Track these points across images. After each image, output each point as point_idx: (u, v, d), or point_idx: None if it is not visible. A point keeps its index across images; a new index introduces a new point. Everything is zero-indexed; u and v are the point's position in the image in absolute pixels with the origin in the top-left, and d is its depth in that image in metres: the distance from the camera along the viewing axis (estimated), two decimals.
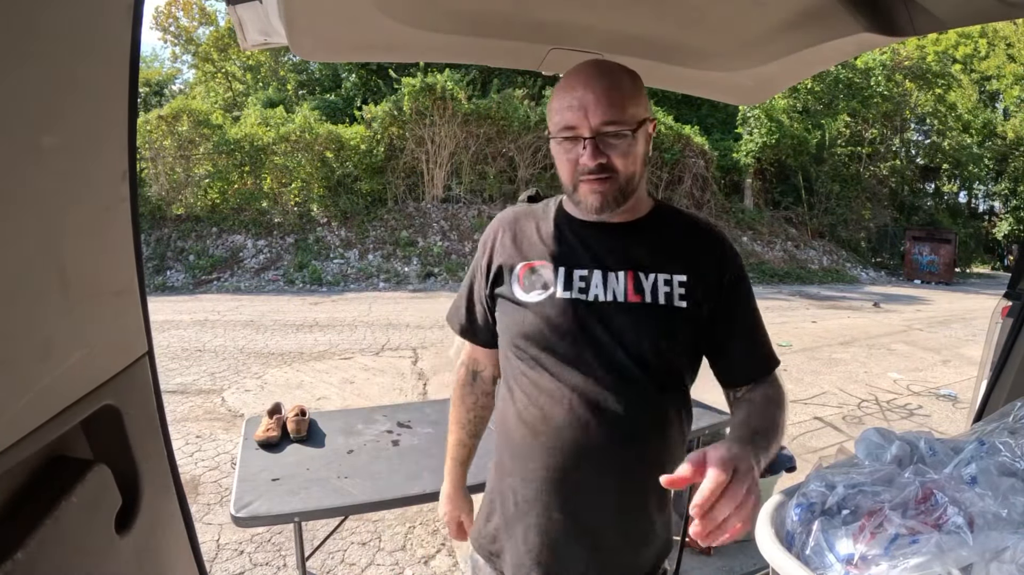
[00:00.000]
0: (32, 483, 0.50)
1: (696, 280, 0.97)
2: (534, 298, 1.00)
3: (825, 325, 8.69)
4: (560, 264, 1.00)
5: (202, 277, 10.47)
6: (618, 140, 0.91)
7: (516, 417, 1.00)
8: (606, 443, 0.93)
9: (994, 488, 0.61)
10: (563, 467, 0.94)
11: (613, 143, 0.91)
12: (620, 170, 0.93)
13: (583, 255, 0.99)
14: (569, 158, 0.93)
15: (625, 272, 0.97)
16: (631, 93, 0.93)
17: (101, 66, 0.53)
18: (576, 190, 0.95)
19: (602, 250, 0.99)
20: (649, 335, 0.94)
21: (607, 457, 0.94)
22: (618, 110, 0.91)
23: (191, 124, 11.42)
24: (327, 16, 1.06)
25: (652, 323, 0.95)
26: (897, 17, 1.06)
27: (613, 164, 0.92)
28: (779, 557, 0.58)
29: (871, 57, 16.10)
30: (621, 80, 0.93)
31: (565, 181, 0.97)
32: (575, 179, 0.94)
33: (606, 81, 0.92)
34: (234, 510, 1.68)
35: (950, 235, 16.50)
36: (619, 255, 0.98)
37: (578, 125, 0.91)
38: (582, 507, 0.95)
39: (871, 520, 0.59)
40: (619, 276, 0.97)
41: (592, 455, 0.93)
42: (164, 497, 0.70)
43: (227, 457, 3.58)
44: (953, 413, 4.85)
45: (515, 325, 1.01)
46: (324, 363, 5.75)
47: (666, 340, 0.95)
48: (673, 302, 0.95)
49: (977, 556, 0.53)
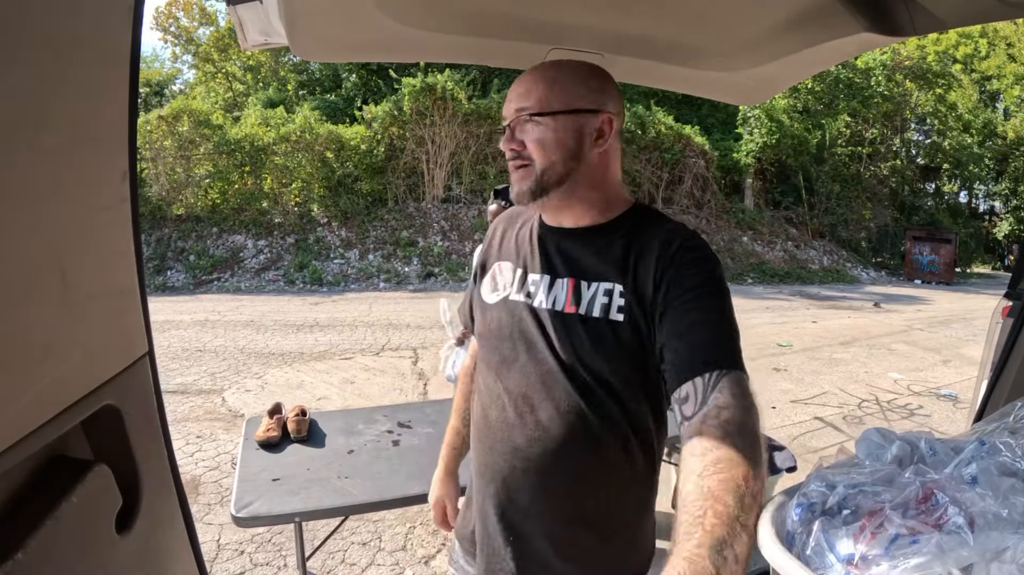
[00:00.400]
0: (33, 483, 0.50)
1: (639, 293, 0.87)
2: (493, 299, 1.01)
3: (826, 325, 8.68)
4: (519, 267, 1.00)
5: (202, 277, 10.47)
6: (531, 126, 0.90)
7: (475, 413, 1.04)
8: (534, 450, 0.91)
9: (995, 488, 0.61)
10: (496, 467, 0.96)
11: (526, 128, 0.90)
12: (535, 158, 0.90)
13: (539, 259, 0.98)
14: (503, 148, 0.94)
15: (567, 280, 0.93)
16: (563, 81, 0.90)
17: (102, 67, 0.53)
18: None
19: (554, 255, 0.97)
20: (578, 347, 0.89)
21: (533, 463, 0.92)
22: (536, 97, 0.89)
23: (191, 124, 11.42)
24: (327, 16, 1.06)
25: (581, 335, 0.89)
26: (897, 17, 1.06)
27: (529, 152, 0.90)
28: (780, 557, 0.58)
29: (871, 57, 16.10)
30: (558, 70, 0.92)
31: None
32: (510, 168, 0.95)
33: (537, 72, 0.92)
34: (234, 510, 1.68)
35: (950, 235, 16.49)
36: (567, 261, 0.95)
37: (504, 115, 0.93)
38: (511, 510, 0.95)
39: (871, 520, 0.59)
40: (563, 283, 0.94)
41: (519, 459, 0.93)
42: (164, 497, 0.70)
43: (227, 457, 3.58)
44: (953, 413, 4.85)
45: (477, 324, 1.05)
46: (324, 363, 5.75)
47: (596, 354, 0.88)
48: (609, 315, 0.88)
49: (978, 556, 0.53)
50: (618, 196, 0.97)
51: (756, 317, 9.04)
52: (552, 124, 0.89)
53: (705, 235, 14.27)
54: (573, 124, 0.90)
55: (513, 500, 0.94)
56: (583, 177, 0.92)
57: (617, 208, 0.96)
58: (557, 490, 0.92)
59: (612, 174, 0.97)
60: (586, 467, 0.91)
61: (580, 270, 0.93)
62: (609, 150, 0.94)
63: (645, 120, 13.83)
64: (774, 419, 4.60)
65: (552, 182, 0.91)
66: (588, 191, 0.94)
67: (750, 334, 7.72)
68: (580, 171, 0.92)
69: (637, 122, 13.70)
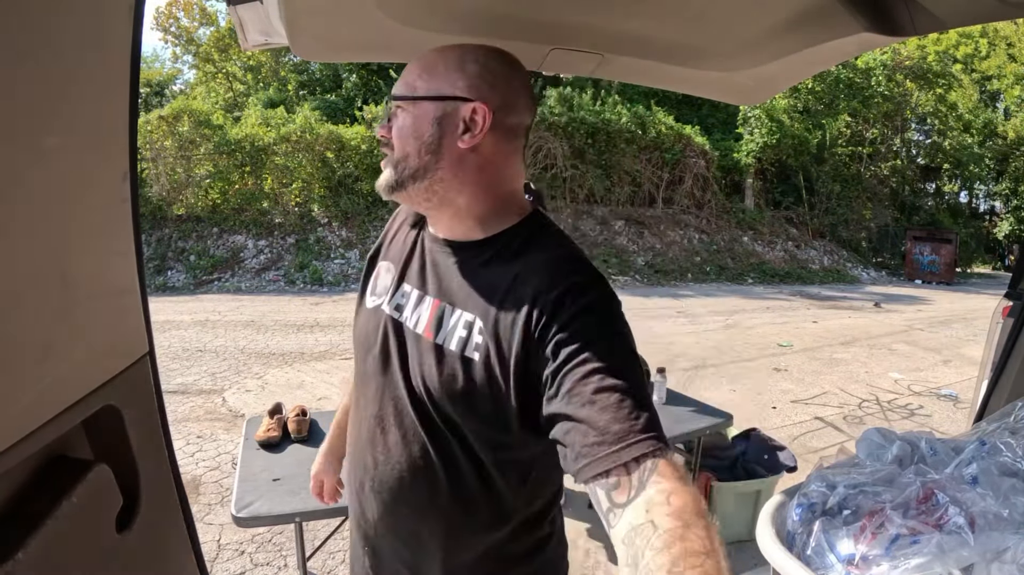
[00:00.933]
0: (33, 483, 0.50)
1: (499, 335, 0.75)
2: (369, 304, 0.95)
3: (826, 325, 8.68)
4: (397, 273, 0.92)
5: (203, 277, 10.47)
6: (398, 111, 0.81)
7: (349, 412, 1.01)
8: (381, 471, 0.87)
9: (995, 488, 0.61)
10: (355, 475, 0.93)
11: (396, 114, 0.82)
12: (395, 146, 0.81)
13: (415, 269, 0.90)
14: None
15: (432, 300, 0.84)
16: (438, 66, 0.80)
17: (102, 67, 0.53)
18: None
19: (428, 268, 0.87)
20: (427, 378, 0.80)
21: (380, 484, 0.87)
22: (405, 81, 0.81)
23: (192, 124, 11.43)
24: (327, 16, 1.06)
25: (432, 366, 0.80)
26: (898, 17, 1.05)
27: (391, 139, 0.82)
28: (780, 557, 0.58)
29: (872, 57, 16.09)
30: (439, 54, 0.82)
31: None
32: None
33: (421, 56, 0.83)
34: (235, 510, 1.68)
35: (951, 235, 16.47)
36: (436, 278, 0.85)
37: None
38: (363, 521, 0.92)
39: (872, 520, 0.59)
40: (428, 303, 0.84)
41: (368, 477, 0.89)
42: (164, 497, 0.70)
43: (228, 457, 3.58)
44: (954, 413, 4.85)
45: (354, 326, 0.98)
46: (325, 363, 5.75)
47: (443, 391, 0.78)
48: (465, 351, 0.77)
49: (978, 556, 0.53)
50: (505, 206, 0.84)
51: (756, 317, 9.03)
52: (412, 110, 0.80)
53: (705, 235, 14.06)
54: (434, 111, 0.78)
55: (364, 512, 0.92)
56: (447, 175, 0.80)
57: (503, 221, 0.83)
58: (401, 514, 0.87)
59: (494, 178, 0.82)
60: (427, 502, 0.84)
61: (446, 292, 0.83)
62: (485, 148, 0.80)
63: (645, 120, 13.83)
64: (774, 419, 4.60)
65: (407, 175, 0.80)
66: (457, 195, 0.81)
67: (750, 334, 7.72)
68: (442, 167, 0.79)
69: (637, 122, 13.70)
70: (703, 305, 10.02)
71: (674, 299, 10.61)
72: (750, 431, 2.93)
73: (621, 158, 13.71)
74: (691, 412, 2.72)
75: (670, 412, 2.65)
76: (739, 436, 2.91)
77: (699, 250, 14.09)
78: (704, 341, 7.20)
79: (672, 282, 12.73)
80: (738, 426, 2.97)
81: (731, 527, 2.75)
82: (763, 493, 2.74)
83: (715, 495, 2.69)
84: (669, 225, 14.27)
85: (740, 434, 2.92)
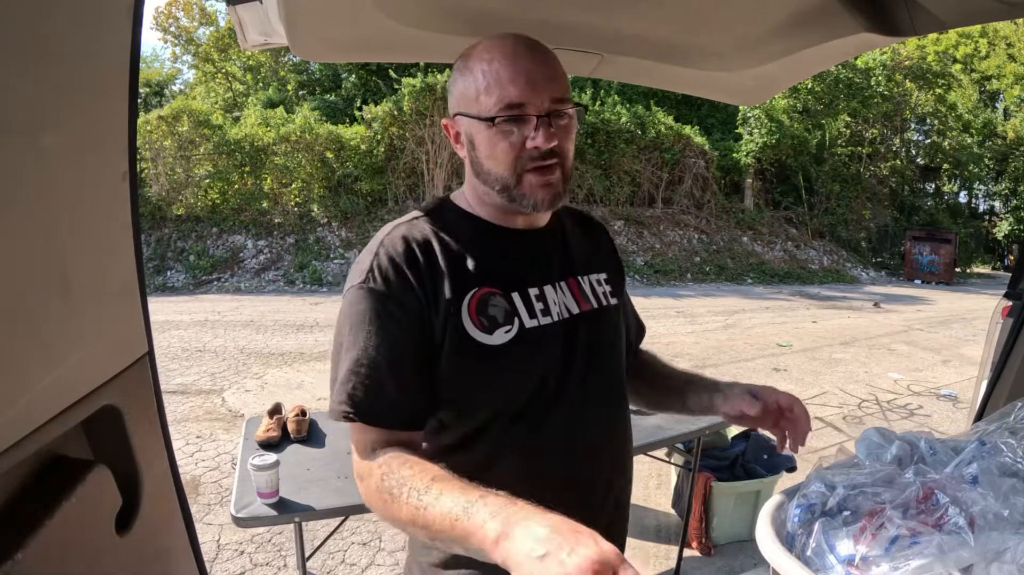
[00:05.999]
0: (33, 483, 0.50)
1: (611, 274, 0.97)
2: (500, 338, 0.79)
3: (825, 325, 8.68)
4: (512, 289, 0.82)
5: (202, 277, 10.47)
6: (566, 120, 0.78)
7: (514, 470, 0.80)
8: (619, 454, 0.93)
9: (995, 488, 0.61)
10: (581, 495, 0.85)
11: (562, 124, 0.78)
12: (567, 156, 0.79)
13: (528, 272, 0.85)
14: (512, 142, 0.76)
15: (567, 281, 0.88)
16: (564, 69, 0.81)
17: (101, 67, 0.53)
18: (520, 183, 0.78)
19: (541, 261, 0.87)
20: (610, 339, 0.92)
21: (616, 468, 0.92)
22: (564, 85, 0.78)
23: (191, 124, 11.42)
24: (327, 16, 1.06)
25: (608, 326, 0.92)
26: (897, 17, 1.06)
27: (563, 148, 0.78)
28: (780, 558, 0.58)
29: (871, 57, 16.09)
30: (549, 55, 0.79)
31: (503, 172, 0.78)
32: (518, 169, 0.77)
33: (546, 52, 0.78)
34: (234, 510, 1.68)
35: (950, 235, 16.48)
36: (558, 262, 0.89)
37: (527, 102, 0.75)
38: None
39: (872, 521, 0.59)
40: (563, 287, 0.88)
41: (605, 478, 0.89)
42: (164, 497, 0.70)
43: (227, 457, 3.58)
44: (953, 413, 4.85)
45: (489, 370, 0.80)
46: (325, 363, 5.75)
47: (618, 339, 0.95)
48: (609, 301, 0.93)
49: (978, 557, 0.53)
50: None
51: (756, 317, 9.04)
52: (572, 115, 0.80)
53: (705, 235, 14.08)
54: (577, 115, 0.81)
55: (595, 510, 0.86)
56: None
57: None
58: (624, 483, 0.96)
59: None
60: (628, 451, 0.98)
61: (569, 268, 0.91)
62: None
63: (645, 120, 13.83)
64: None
65: (567, 180, 0.82)
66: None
67: (750, 334, 7.72)
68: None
69: (637, 122, 13.70)
70: (703, 305, 10.02)
71: (674, 299, 10.61)
72: (749, 431, 2.93)
73: (621, 158, 13.71)
74: None
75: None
76: (738, 436, 2.91)
77: (699, 250, 14.09)
78: (704, 341, 7.20)
79: (671, 282, 12.73)
80: (738, 426, 2.97)
81: (731, 527, 2.75)
82: (762, 493, 2.74)
83: (715, 495, 2.69)
84: (669, 225, 14.28)
85: (739, 434, 2.92)
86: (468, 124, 0.80)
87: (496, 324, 0.79)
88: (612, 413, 0.91)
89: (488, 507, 0.59)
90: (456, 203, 0.89)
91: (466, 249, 0.82)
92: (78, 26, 0.48)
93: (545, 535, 0.53)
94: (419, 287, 0.78)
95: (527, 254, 0.86)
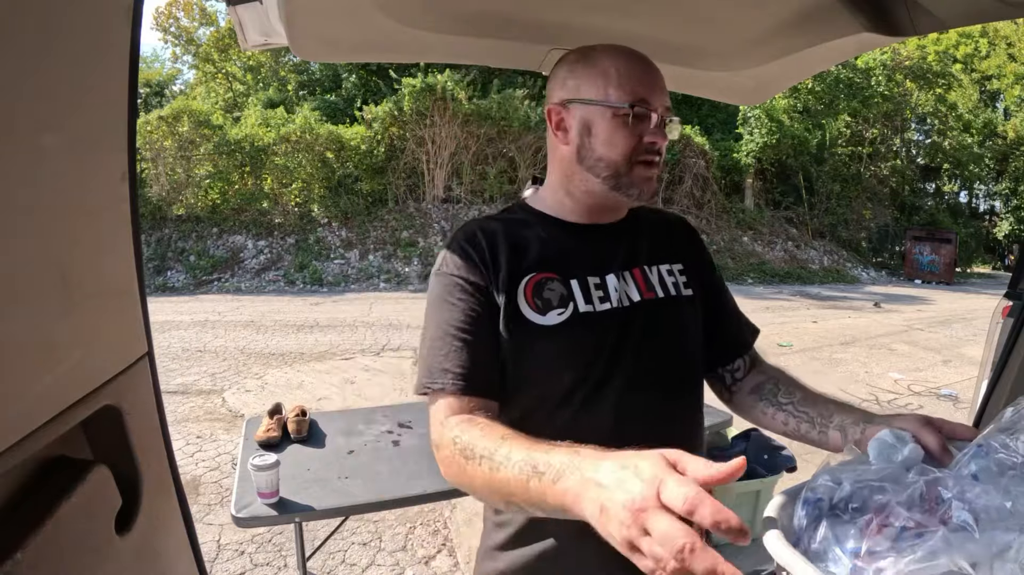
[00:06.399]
0: (32, 484, 0.50)
1: (688, 266, 0.97)
2: (552, 320, 0.84)
3: (826, 325, 8.68)
4: (571, 276, 0.87)
5: (203, 277, 10.48)
6: (671, 127, 0.87)
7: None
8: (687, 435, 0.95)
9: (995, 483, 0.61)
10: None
11: (669, 128, 0.87)
12: (663, 158, 0.89)
13: (591, 262, 0.90)
14: (633, 133, 0.83)
15: (631, 271, 0.92)
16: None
17: (101, 67, 0.53)
18: (630, 171, 0.85)
19: (606, 253, 0.92)
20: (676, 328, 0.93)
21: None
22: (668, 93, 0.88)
23: (192, 125, 11.43)
24: (327, 16, 1.06)
25: (675, 316, 0.93)
26: (897, 17, 1.05)
27: (663, 150, 0.88)
28: (785, 553, 0.58)
29: (871, 57, 16.09)
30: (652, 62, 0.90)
31: (617, 158, 0.84)
32: (632, 159, 0.84)
33: (653, 63, 0.87)
34: (235, 510, 1.68)
35: (951, 235, 16.48)
36: (623, 254, 0.93)
37: (652, 100, 0.83)
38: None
39: (878, 515, 0.60)
40: (626, 276, 0.91)
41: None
42: (164, 497, 0.70)
43: (228, 457, 3.58)
44: (954, 413, 4.85)
45: (536, 357, 0.84)
46: (325, 363, 5.75)
47: (689, 329, 0.95)
48: (681, 291, 0.94)
49: (982, 552, 0.53)
50: None
51: (756, 317, 8.92)
52: (678, 124, 0.90)
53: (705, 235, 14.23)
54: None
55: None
56: None
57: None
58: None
59: None
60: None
61: (635, 258, 0.94)
62: None
63: None
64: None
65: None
66: None
67: None
68: None
69: None
70: None
71: None
72: (750, 431, 2.93)
73: None
74: None
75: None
76: (739, 436, 2.91)
77: None
78: None
79: None
80: (738, 426, 2.96)
81: None
82: (763, 493, 2.74)
83: (714, 495, 2.68)
84: None
85: (740, 434, 2.92)
86: (587, 111, 0.85)
87: (550, 306, 0.85)
88: (672, 402, 0.91)
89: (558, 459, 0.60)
90: (530, 204, 0.97)
91: (531, 240, 0.89)
92: (77, 26, 0.48)
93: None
94: (483, 268, 0.85)
95: (591, 247, 0.91)
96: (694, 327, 0.95)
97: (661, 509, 0.48)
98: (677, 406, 0.92)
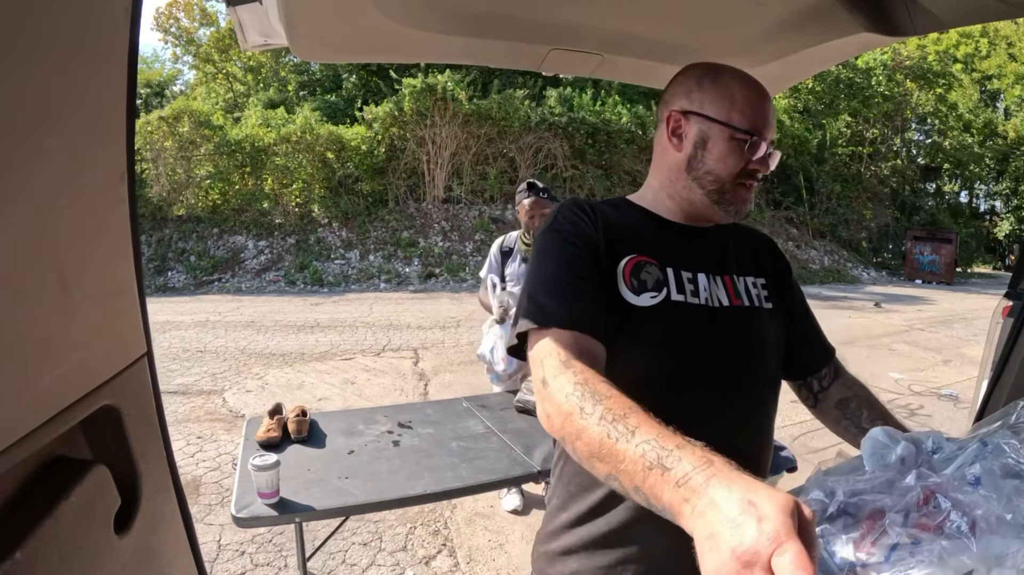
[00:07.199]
0: (31, 484, 0.50)
1: (770, 280, 1.00)
2: (646, 301, 0.86)
3: (826, 325, 8.55)
4: (667, 264, 0.90)
5: (203, 278, 10.48)
6: (772, 158, 0.92)
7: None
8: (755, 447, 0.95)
9: (998, 491, 0.60)
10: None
11: (771, 159, 0.92)
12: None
13: (686, 257, 0.93)
14: (744, 157, 0.89)
15: (721, 276, 0.95)
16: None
17: (99, 68, 0.53)
18: (734, 190, 0.91)
19: (699, 253, 0.95)
20: (760, 338, 0.95)
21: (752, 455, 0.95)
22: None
23: (192, 125, 11.43)
24: (327, 17, 1.06)
25: (760, 326, 0.95)
26: (898, 17, 1.06)
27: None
28: None
29: (872, 57, 16.09)
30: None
31: (725, 176, 0.89)
32: (736, 179, 0.90)
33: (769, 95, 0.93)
34: (235, 510, 1.68)
35: (951, 235, 16.47)
36: (715, 259, 0.96)
37: (765, 133, 0.89)
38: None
39: (872, 527, 0.59)
40: (717, 280, 0.94)
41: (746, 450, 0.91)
42: (163, 497, 0.70)
43: (228, 458, 3.58)
44: (954, 413, 4.84)
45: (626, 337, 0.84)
46: (325, 364, 5.75)
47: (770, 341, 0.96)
48: (763, 304, 0.97)
49: (979, 562, 0.53)
50: None
51: None
52: (777, 157, 0.94)
53: None
54: None
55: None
56: None
57: None
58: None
59: None
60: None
61: (725, 266, 0.96)
62: None
63: (645, 120, 13.83)
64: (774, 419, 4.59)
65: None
66: None
67: None
68: None
69: (637, 122, 13.70)
70: None
71: None
72: None
73: (621, 158, 13.71)
74: None
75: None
76: None
77: None
78: None
79: None
80: None
81: None
82: None
83: None
84: None
85: None
86: (707, 126, 0.89)
87: (645, 288, 0.87)
88: (750, 409, 0.93)
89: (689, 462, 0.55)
90: (629, 199, 1.00)
91: (631, 225, 0.93)
92: (75, 27, 0.48)
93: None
94: (594, 231, 0.88)
95: (687, 244, 0.94)
96: (776, 340, 0.98)
97: (767, 573, 0.44)
98: (754, 412, 0.94)
